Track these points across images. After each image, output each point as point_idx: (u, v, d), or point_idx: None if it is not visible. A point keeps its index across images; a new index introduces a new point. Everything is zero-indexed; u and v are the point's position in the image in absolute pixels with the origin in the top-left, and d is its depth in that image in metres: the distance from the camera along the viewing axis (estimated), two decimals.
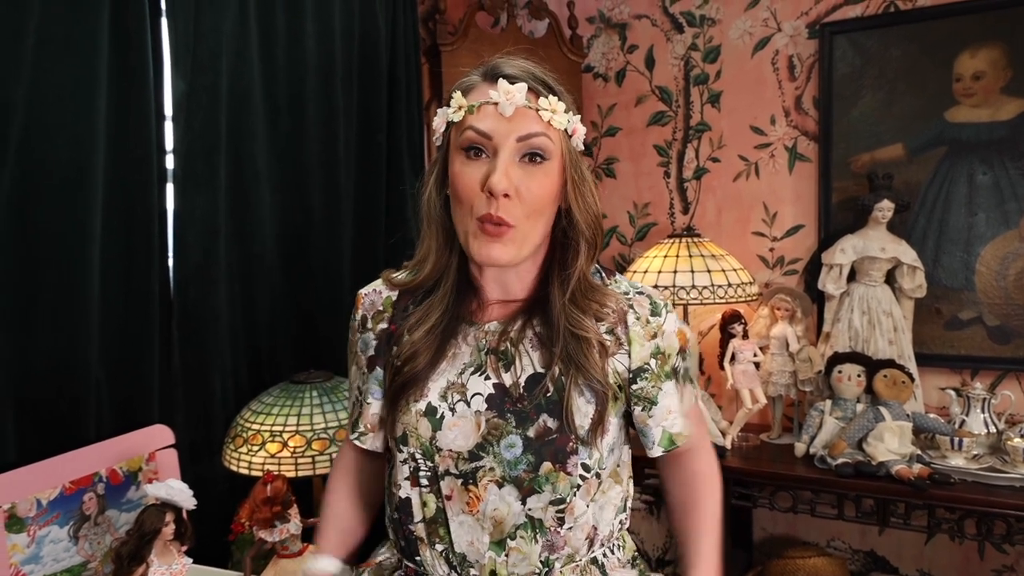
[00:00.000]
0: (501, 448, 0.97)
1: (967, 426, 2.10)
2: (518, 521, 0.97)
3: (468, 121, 0.97)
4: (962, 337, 2.33)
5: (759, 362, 2.35)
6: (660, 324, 1.03)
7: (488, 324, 1.03)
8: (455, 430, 0.98)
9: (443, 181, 1.03)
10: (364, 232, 2.28)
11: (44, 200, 1.47)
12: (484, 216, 0.94)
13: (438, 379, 1.01)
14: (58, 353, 1.50)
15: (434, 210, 1.03)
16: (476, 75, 1.02)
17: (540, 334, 1.01)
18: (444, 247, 1.04)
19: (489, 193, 0.93)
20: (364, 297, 1.12)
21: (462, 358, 1.02)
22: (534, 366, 1.00)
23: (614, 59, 2.84)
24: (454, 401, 1.00)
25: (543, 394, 0.98)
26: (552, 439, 0.97)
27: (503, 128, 0.95)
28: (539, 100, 0.97)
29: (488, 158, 0.96)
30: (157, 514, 1.35)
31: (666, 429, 1.04)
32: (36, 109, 1.44)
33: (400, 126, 2.37)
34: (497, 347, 1.01)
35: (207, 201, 1.79)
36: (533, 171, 0.96)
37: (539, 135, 0.96)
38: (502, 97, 0.95)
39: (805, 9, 2.49)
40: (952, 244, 2.32)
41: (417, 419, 1.00)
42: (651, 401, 1.03)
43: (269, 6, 1.94)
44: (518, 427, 0.97)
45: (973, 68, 2.25)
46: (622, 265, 2.83)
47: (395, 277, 1.10)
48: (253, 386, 1.89)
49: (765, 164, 2.61)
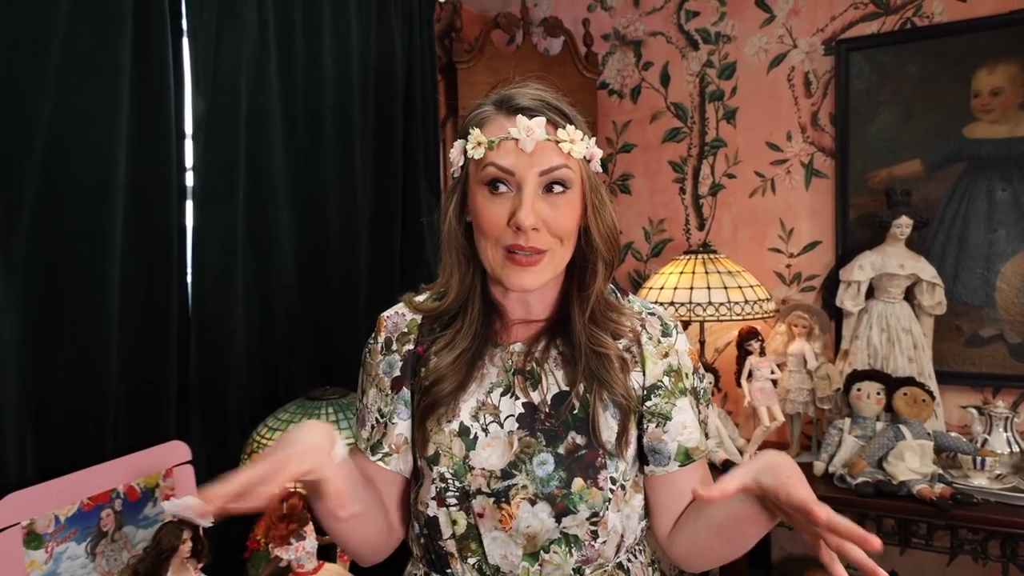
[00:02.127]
0: (534, 466, 0.98)
1: (989, 445, 2.07)
2: (552, 536, 0.99)
3: (488, 157, 0.97)
4: (983, 354, 2.30)
5: (776, 379, 2.34)
6: (672, 344, 1.06)
7: (513, 345, 1.06)
8: (489, 450, 1.00)
9: (462, 209, 1.04)
10: (380, 249, 2.28)
11: (66, 216, 1.48)
12: (513, 246, 0.95)
13: (468, 399, 1.03)
14: (77, 369, 1.51)
15: (455, 238, 1.04)
16: (489, 106, 1.01)
17: (563, 353, 1.03)
18: (467, 273, 1.05)
19: (516, 228, 0.94)
20: (387, 320, 1.12)
21: (489, 378, 1.04)
22: (559, 384, 1.02)
23: (629, 76, 2.85)
24: (487, 422, 1.02)
25: (569, 411, 1.00)
26: (582, 455, 0.99)
27: (525, 163, 0.95)
28: (558, 132, 0.97)
29: (510, 192, 0.96)
30: (175, 531, 1.35)
31: (682, 443, 1.04)
32: (59, 127, 1.46)
33: (416, 143, 2.38)
34: (523, 367, 1.03)
35: (225, 218, 1.80)
36: (556, 202, 0.97)
37: (561, 167, 0.97)
38: (522, 134, 0.95)
39: (821, 26, 2.49)
40: (972, 261, 2.30)
41: (451, 439, 1.01)
42: (665, 417, 1.04)
43: (288, 26, 1.96)
44: (548, 445, 0.99)
45: (991, 84, 2.24)
46: (637, 281, 2.82)
47: (417, 301, 1.11)
48: (269, 402, 1.89)
49: (781, 180, 2.60)
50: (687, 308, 2.29)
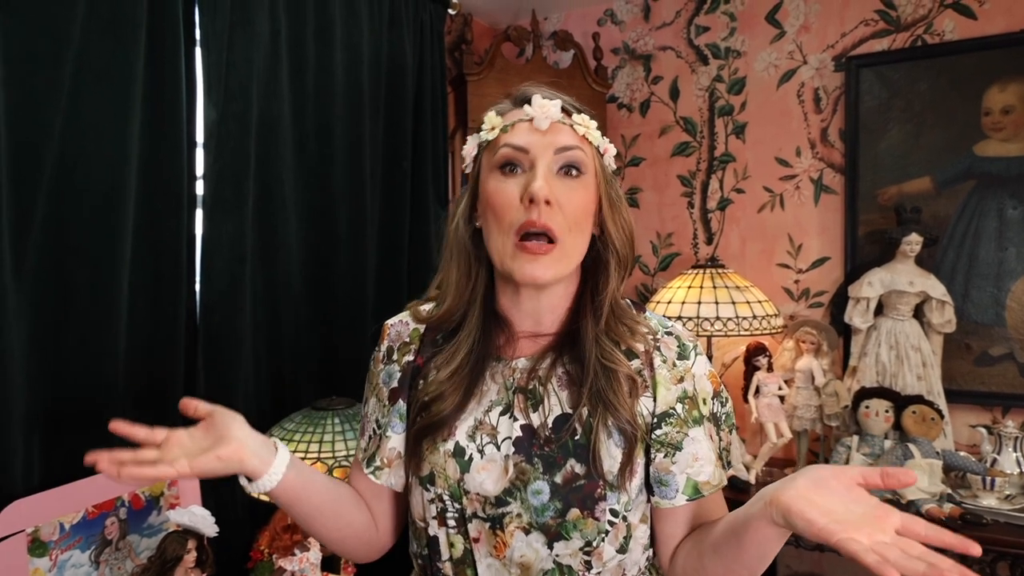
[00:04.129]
0: (528, 494, 0.93)
1: (999, 465, 2.05)
2: (546, 566, 0.94)
3: (502, 139, 0.97)
4: (993, 373, 2.29)
5: (784, 395, 2.32)
6: (688, 367, 0.99)
7: (516, 361, 1.00)
8: (483, 473, 0.95)
9: (472, 212, 1.02)
10: (388, 259, 2.29)
11: (76, 225, 1.48)
12: (526, 223, 0.92)
13: (466, 418, 0.98)
14: (85, 376, 1.51)
15: (461, 240, 1.02)
16: (506, 102, 1.03)
17: (569, 371, 0.97)
18: (466, 277, 1.02)
19: (530, 201, 0.92)
20: (390, 328, 1.10)
21: (489, 395, 0.99)
22: (562, 406, 0.96)
23: (638, 90, 2.85)
24: (483, 443, 0.97)
25: (570, 436, 0.94)
26: (580, 485, 0.93)
27: (539, 141, 0.95)
28: (572, 116, 0.98)
29: (524, 172, 0.95)
30: (179, 541, 1.35)
31: (691, 476, 0.96)
32: (72, 135, 1.46)
33: (425, 154, 2.39)
34: (526, 386, 0.98)
35: (235, 227, 1.80)
36: (572, 184, 0.95)
37: (575, 148, 0.96)
38: (537, 111, 0.95)
39: (831, 42, 2.49)
40: (982, 279, 2.29)
41: (445, 459, 0.97)
42: (675, 447, 0.96)
43: (300, 37, 1.97)
44: (545, 472, 0.93)
45: (1002, 102, 2.23)
46: (645, 295, 2.81)
47: (422, 310, 1.08)
48: (275, 412, 1.89)
49: (790, 196, 2.59)
50: (695, 323, 2.28)
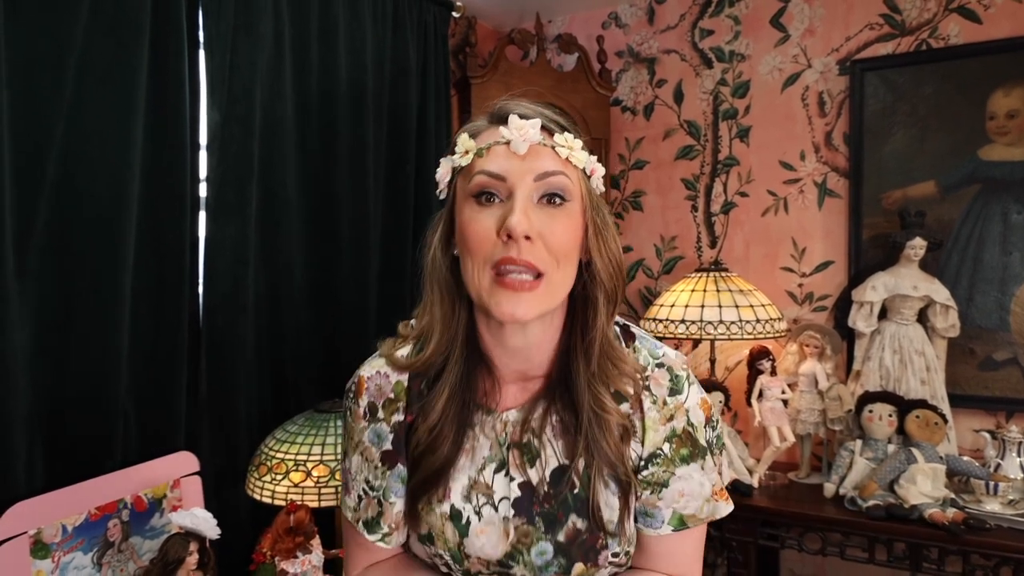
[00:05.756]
0: (532, 556, 0.91)
1: (1002, 470, 2.05)
2: None
3: (477, 165, 0.87)
4: (996, 378, 2.28)
5: (787, 399, 2.32)
6: (680, 404, 0.94)
7: (506, 413, 0.94)
8: (483, 537, 0.92)
9: (449, 240, 0.93)
10: (391, 262, 2.29)
11: (79, 229, 1.49)
12: (503, 259, 0.83)
13: (459, 477, 0.93)
14: (88, 379, 1.51)
15: (439, 271, 0.92)
16: (482, 120, 0.93)
17: (563, 419, 0.92)
18: (450, 315, 0.93)
19: (508, 237, 0.82)
20: (368, 381, 0.98)
21: (481, 451, 0.93)
22: (558, 457, 0.92)
23: (642, 93, 2.85)
24: (480, 504, 0.92)
25: (569, 490, 0.91)
26: (582, 540, 0.91)
27: (517, 167, 0.85)
28: (554, 136, 0.88)
29: (502, 202, 0.85)
30: (182, 543, 1.35)
31: (677, 510, 0.94)
32: (74, 139, 1.47)
33: (429, 157, 2.39)
34: (519, 440, 0.92)
35: (238, 230, 1.81)
36: (554, 213, 0.86)
37: (557, 174, 0.86)
38: (514, 134, 0.85)
39: (836, 46, 2.49)
40: (986, 283, 2.28)
41: (443, 522, 0.92)
42: (662, 485, 0.94)
43: (304, 38, 1.97)
44: (547, 532, 0.91)
45: (1007, 106, 2.23)
46: (648, 299, 2.81)
47: (400, 358, 0.96)
48: (278, 414, 1.89)
49: (794, 199, 2.59)
50: (698, 326, 2.28)
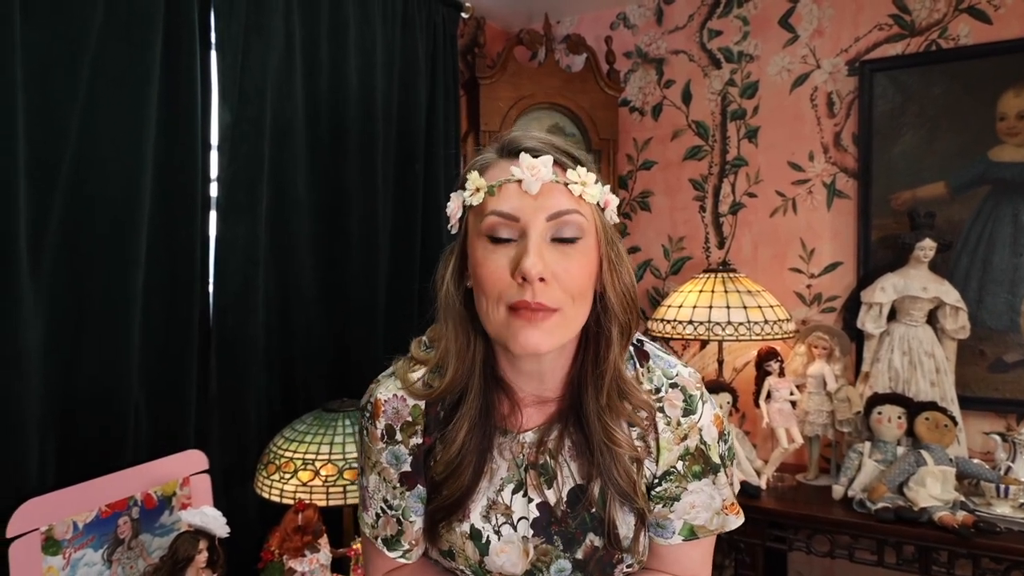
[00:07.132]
0: (551, 572, 0.95)
1: (1013, 472, 2.04)
2: None
3: (489, 204, 0.86)
4: (1007, 380, 2.27)
5: (796, 401, 2.31)
6: (693, 423, 0.95)
7: (523, 435, 0.96)
8: (503, 556, 0.95)
9: (461, 273, 0.93)
10: (400, 261, 2.29)
11: (92, 228, 1.50)
12: (518, 303, 0.83)
13: (478, 498, 0.95)
14: (99, 378, 1.52)
15: (452, 304, 0.92)
16: (491, 152, 0.92)
17: (577, 442, 0.94)
18: (465, 348, 0.93)
19: (522, 279, 0.82)
20: (385, 404, 0.98)
21: (499, 472, 0.96)
22: (574, 478, 0.94)
23: (651, 93, 2.85)
24: (499, 523, 0.95)
25: (586, 510, 0.93)
26: (600, 556, 0.95)
27: (530, 207, 0.84)
28: (567, 173, 0.86)
29: (515, 242, 0.85)
30: (191, 541, 1.36)
31: (688, 521, 0.97)
32: (88, 139, 1.48)
33: (437, 157, 2.40)
34: (536, 461, 0.95)
35: (248, 229, 1.82)
36: (569, 252, 0.86)
37: (571, 212, 0.85)
38: (526, 173, 0.84)
39: (845, 47, 2.48)
40: (996, 285, 2.27)
41: (463, 540, 0.96)
42: (674, 499, 0.96)
43: (314, 40, 1.98)
44: (566, 550, 0.94)
45: (1018, 107, 2.22)
46: (656, 299, 2.81)
47: (417, 387, 0.97)
48: (287, 413, 1.90)
49: (803, 200, 2.58)
50: (706, 327, 2.28)
